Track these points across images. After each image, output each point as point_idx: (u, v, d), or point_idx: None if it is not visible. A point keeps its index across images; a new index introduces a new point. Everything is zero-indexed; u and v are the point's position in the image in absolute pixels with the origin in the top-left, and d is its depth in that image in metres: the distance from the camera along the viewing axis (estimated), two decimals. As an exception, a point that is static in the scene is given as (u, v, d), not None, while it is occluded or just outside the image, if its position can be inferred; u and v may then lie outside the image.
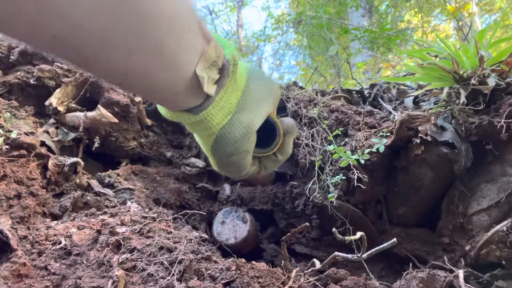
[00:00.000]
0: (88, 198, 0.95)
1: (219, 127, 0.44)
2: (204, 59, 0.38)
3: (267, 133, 0.53)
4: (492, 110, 0.88)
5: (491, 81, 0.88)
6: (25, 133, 0.97)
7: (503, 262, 0.82)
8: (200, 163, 1.25)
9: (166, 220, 0.88)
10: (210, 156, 0.50)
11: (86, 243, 0.76)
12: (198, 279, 0.67)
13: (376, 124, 1.05)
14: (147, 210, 0.96)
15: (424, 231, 1.01)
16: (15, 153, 0.90)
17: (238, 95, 0.44)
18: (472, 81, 0.90)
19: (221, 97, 0.42)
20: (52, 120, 1.11)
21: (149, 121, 1.26)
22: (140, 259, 0.70)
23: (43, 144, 1.00)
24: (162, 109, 0.44)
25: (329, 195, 0.99)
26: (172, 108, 0.42)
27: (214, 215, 1.18)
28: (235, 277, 0.65)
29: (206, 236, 0.85)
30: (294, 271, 0.68)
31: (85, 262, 0.70)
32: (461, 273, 0.68)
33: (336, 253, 0.76)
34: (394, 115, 1.06)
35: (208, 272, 0.68)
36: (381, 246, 0.70)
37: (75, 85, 1.16)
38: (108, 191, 1.02)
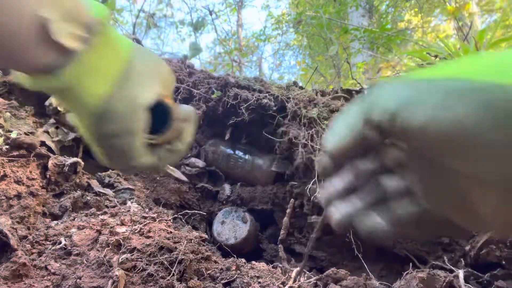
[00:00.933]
0: (88, 198, 0.95)
1: (100, 99, 0.37)
2: (55, 4, 0.31)
3: (163, 121, 0.46)
4: (492, 110, 0.88)
5: (491, 81, 0.88)
6: (25, 133, 0.97)
7: (503, 262, 0.82)
8: (200, 163, 1.25)
9: (166, 220, 0.89)
10: (91, 139, 0.42)
11: (86, 243, 0.76)
12: (198, 279, 0.67)
13: (376, 124, 1.05)
14: (147, 210, 0.96)
15: (424, 231, 1.01)
16: (15, 153, 0.90)
17: (120, 64, 0.38)
18: (472, 81, 0.90)
19: (91, 57, 0.35)
20: (52, 120, 1.11)
21: (149, 121, 1.26)
22: (140, 259, 0.70)
23: (43, 144, 1.00)
24: (21, 78, 0.36)
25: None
26: (23, 69, 0.34)
27: (214, 215, 1.18)
28: (235, 277, 0.65)
29: (206, 236, 0.85)
30: (295, 271, 0.68)
31: (85, 262, 0.70)
32: (461, 273, 0.68)
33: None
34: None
35: (208, 272, 0.68)
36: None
37: (75, 85, 1.16)
38: (108, 191, 1.02)
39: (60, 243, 0.75)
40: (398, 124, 0.25)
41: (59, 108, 1.11)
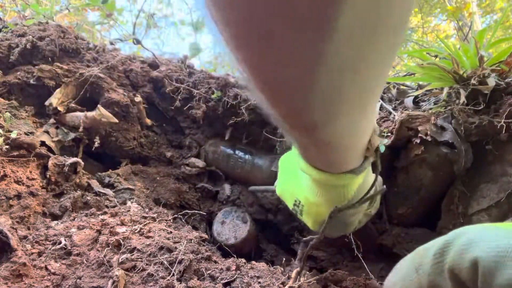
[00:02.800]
0: (88, 198, 0.95)
1: (356, 188, 0.45)
2: (374, 123, 0.41)
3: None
4: (492, 110, 0.88)
5: (491, 81, 0.88)
6: (25, 133, 0.97)
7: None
8: (200, 163, 1.25)
9: (166, 220, 0.89)
10: (325, 217, 0.50)
11: (86, 243, 0.76)
12: (198, 279, 0.67)
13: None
14: (147, 210, 0.96)
15: (424, 231, 1.01)
16: (15, 153, 0.90)
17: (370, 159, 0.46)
18: (472, 81, 0.90)
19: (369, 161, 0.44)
20: (52, 120, 1.11)
21: (149, 121, 1.26)
22: (140, 259, 0.70)
23: (43, 144, 1.00)
24: (313, 172, 0.42)
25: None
26: (337, 169, 0.42)
27: (214, 215, 1.18)
28: (235, 277, 0.65)
29: (206, 236, 0.85)
30: (295, 271, 0.68)
31: (85, 262, 0.70)
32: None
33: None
34: (394, 115, 1.06)
35: (208, 272, 0.68)
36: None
37: (75, 85, 1.16)
38: (108, 191, 1.02)
39: (60, 243, 0.75)
40: (482, 276, 0.23)
41: (59, 108, 1.11)
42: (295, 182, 0.53)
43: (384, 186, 0.59)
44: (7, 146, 0.89)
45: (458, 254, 0.26)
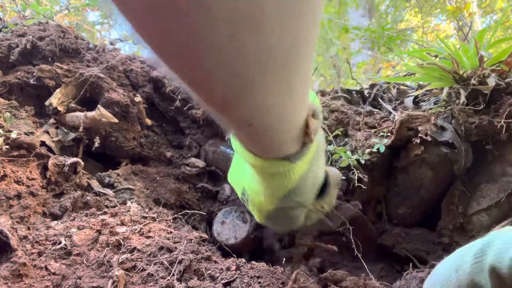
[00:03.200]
0: (88, 198, 0.95)
1: (298, 177, 0.41)
2: (311, 105, 0.37)
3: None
4: (492, 110, 0.88)
5: (491, 81, 0.88)
6: (25, 133, 0.97)
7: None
8: (200, 163, 1.25)
9: (166, 220, 0.89)
10: (268, 208, 0.47)
11: (86, 243, 0.76)
12: (198, 279, 0.67)
13: (376, 124, 1.05)
14: (147, 210, 0.96)
15: (424, 231, 1.01)
16: (15, 153, 0.90)
17: (315, 146, 0.42)
18: (472, 81, 0.90)
19: (314, 145, 0.40)
20: (52, 120, 1.11)
21: (149, 121, 1.26)
22: (140, 259, 0.70)
23: (43, 144, 1.00)
24: (249, 158, 0.39)
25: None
26: (271, 154, 0.38)
27: (214, 215, 1.18)
28: (235, 277, 0.65)
29: (206, 236, 0.85)
30: (295, 272, 0.68)
31: (85, 262, 0.70)
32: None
33: None
34: (394, 115, 1.06)
35: (208, 272, 0.68)
36: None
37: (75, 85, 1.16)
38: (108, 191, 1.02)
39: (60, 243, 0.75)
40: None
41: (59, 108, 1.11)
42: (241, 169, 0.50)
43: (340, 178, 0.55)
44: (7, 146, 0.89)
45: (499, 252, 0.26)
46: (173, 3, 0.19)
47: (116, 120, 1.13)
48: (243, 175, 0.50)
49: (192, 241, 0.77)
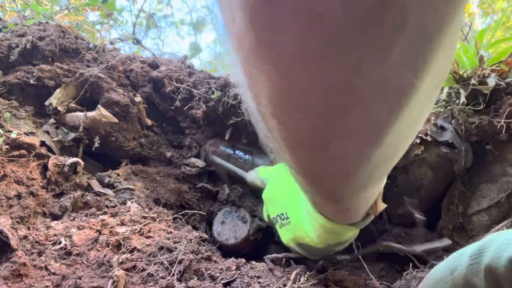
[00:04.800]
0: (88, 198, 0.95)
1: (351, 236, 0.51)
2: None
3: None
4: (492, 110, 0.88)
5: (491, 81, 0.88)
6: (25, 133, 0.97)
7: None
8: (200, 163, 1.25)
9: (166, 220, 0.89)
10: (311, 244, 0.56)
11: (86, 243, 0.76)
12: (198, 279, 0.67)
13: (376, 124, 1.05)
14: (147, 210, 0.96)
15: (424, 231, 1.01)
16: (15, 153, 0.90)
17: None
18: (472, 81, 0.90)
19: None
20: (52, 120, 1.11)
21: (149, 121, 1.26)
22: (140, 259, 0.70)
23: (43, 144, 1.00)
24: (319, 218, 0.47)
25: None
26: (343, 221, 0.45)
27: (214, 215, 1.18)
28: (235, 277, 0.65)
29: (206, 236, 0.85)
30: (294, 272, 0.68)
31: (85, 262, 0.70)
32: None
33: None
34: (394, 115, 1.06)
35: (208, 272, 0.68)
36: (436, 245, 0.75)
37: (75, 85, 1.16)
38: (108, 191, 1.02)
39: (60, 243, 0.75)
40: None
41: (59, 108, 1.11)
42: (291, 199, 0.57)
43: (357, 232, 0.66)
44: (7, 146, 0.89)
45: (495, 253, 0.27)
46: (345, 163, 0.27)
47: (116, 120, 1.13)
48: (293, 206, 0.57)
49: (192, 241, 0.77)
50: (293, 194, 0.56)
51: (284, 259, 0.81)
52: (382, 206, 0.46)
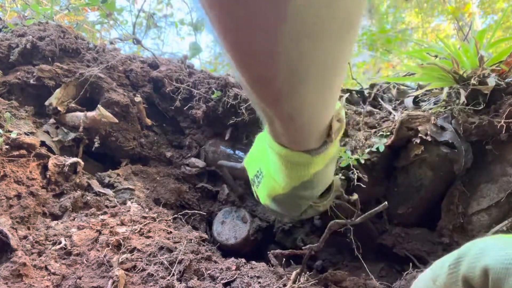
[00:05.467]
0: (88, 198, 0.95)
1: (313, 173, 0.47)
2: (337, 110, 0.42)
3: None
4: (492, 110, 0.88)
5: (491, 81, 0.88)
6: (25, 133, 0.97)
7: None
8: (200, 163, 1.25)
9: (166, 220, 0.89)
10: (280, 192, 0.53)
11: (86, 243, 0.76)
12: (198, 279, 0.67)
13: (376, 124, 1.05)
14: (147, 210, 0.96)
15: (424, 231, 1.01)
16: (15, 153, 0.90)
17: (335, 149, 0.48)
18: (472, 81, 0.90)
19: (332, 145, 0.46)
20: (52, 120, 1.11)
21: (149, 121, 1.26)
22: (140, 259, 0.70)
23: (43, 144, 1.00)
24: (277, 147, 0.45)
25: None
26: (297, 146, 0.44)
27: (214, 215, 1.18)
28: (235, 277, 0.65)
29: (206, 236, 0.85)
30: (294, 272, 0.68)
31: (85, 262, 0.70)
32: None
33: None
34: (394, 115, 1.06)
35: (208, 272, 0.68)
36: (374, 209, 0.72)
37: (75, 85, 1.16)
38: (108, 191, 1.02)
39: (60, 243, 0.75)
40: (492, 283, 0.25)
41: (59, 108, 1.11)
42: (263, 154, 0.57)
43: (340, 188, 0.63)
44: (7, 146, 0.89)
45: (470, 263, 0.27)
46: (263, 22, 0.25)
47: (116, 120, 1.13)
48: (264, 160, 0.57)
49: (192, 241, 0.77)
50: (264, 150, 0.55)
51: (284, 259, 0.81)
52: (336, 126, 0.43)
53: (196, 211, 1.07)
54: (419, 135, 0.92)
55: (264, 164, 0.56)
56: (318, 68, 0.31)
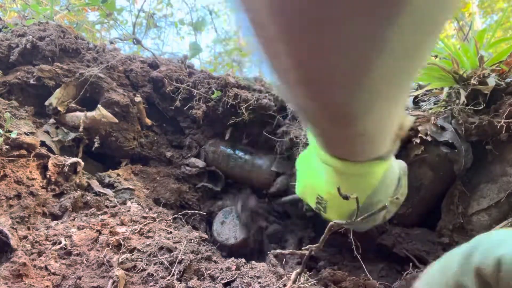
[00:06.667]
0: (88, 198, 0.95)
1: (383, 174, 0.45)
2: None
3: None
4: (492, 110, 0.88)
5: (491, 81, 0.88)
6: (25, 133, 0.97)
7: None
8: (200, 163, 1.25)
9: (166, 220, 0.89)
10: (352, 207, 0.50)
11: (86, 243, 0.76)
12: (198, 279, 0.67)
13: (376, 124, 1.05)
14: (147, 210, 0.96)
15: (424, 231, 1.01)
16: (15, 153, 0.90)
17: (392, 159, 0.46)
18: (472, 81, 0.90)
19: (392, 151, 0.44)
20: (52, 120, 1.11)
21: (149, 121, 1.26)
22: (140, 259, 0.70)
23: (43, 144, 1.00)
24: (337, 163, 0.42)
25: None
26: (365, 157, 0.41)
27: (214, 215, 1.18)
28: (235, 277, 0.65)
29: (206, 236, 0.85)
30: (294, 272, 0.68)
31: (85, 262, 0.70)
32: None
33: None
34: (394, 115, 1.06)
35: (208, 272, 0.68)
36: (374, 210, 0.70)
37: (75, 85, 1.16)
38: (108, 191, 1.02)
39: (60, 243, 0.75)
40: (505, 273, 0.25)
41: (59, 108, 1.11)
42: (316, 178, 0.52)
43: (406, 168, 0.58)
44: (7, 146, 0.89)
45: (484, 254, 0.27)
46: (355, 49, 0.21)
47: (116, 120, 1.13)
48: (320, 182, 0.52)
49: (192, 241, 0.77)
50: (315, 174, 0.51)
51: (284, 259, 0.81)
52: (407, 122, 0.41)
53: (196, 211, 1.07)
54: (419, 135, 0.92)
55: (322, 187, 0.52)
56: (403, 80, 0.28)
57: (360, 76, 0.23)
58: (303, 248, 0.72)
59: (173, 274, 0.66)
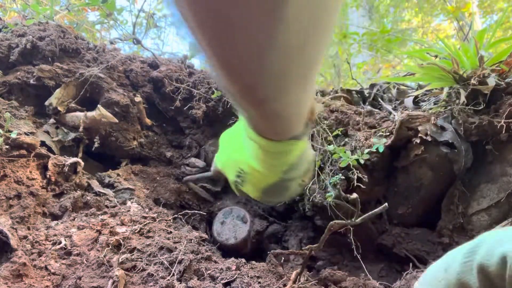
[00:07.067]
0: (88, 198, 0.95)
1: (299, 154, 0.50)
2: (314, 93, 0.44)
3: None
4: (492, 110, 0.88)
5: (491, 81, 0.88)
6: (25, 133, 0.97)
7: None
8: (200, 163, 1.25)
9: (166, 220, 0.89)
10: (269, 181, 0.55)
11: (86, 243, 0.76)
12: (198, 279, 0.67)
13: (376, 124, 1.05)
14: (147, 210, 0.96)
15: (424, 231, 1.01)
16: (15, 153, 0.90)
17: (309, 129, 0.50)
18: (472, 81, 0.90)
19: (307, 130, 0.48)
20: (52, 120, 1.11)
21: (149, 121, 1.26)
22: (140, 259, 0.70)
23: (43, 144, 1.00)
24: (261, 141, 0.47)
25: (327, 194, 0.99)
26: (284, 137, 0.46)
27: (214, 215, 1.18)
28: (235, 277, 0.65)
29: (206, 236, 0.85)
30: (294, 272, 0.68)
31: (85, 262, 0.70)
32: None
33: None
34: (394, 115, 1.06)
35: (208, 272, 0.68)
36: (374, 210, 0.72)
37: (75, 85, 1.16)
38: (108, 191, 1.02)
39: (60, 243, 0.75)
40: (510, 270, 0.25)
41: (59, 108, 1.11)
42: (240, 153, 0.58)
43: (315, 153, 0.64)
44: (7, 146, 0.89)
45: (488, 251, 0.28)
46: (253, 41, 0.27)
47: (116, 120, 1.13)
48: (243, 157, 0.58)
49: (192, 241, 0.77)
50: (240, 149, 0.57)
51: (283, 259, 0.81)
52: (317, 108, 0.48)
53: (196, 211, 1.07)
54: (419, 135, 0.92)
55: (245, 161, 0.58)
56: (304, 70, 0.33)
57: (260, 64, 0.29)
58: (303, 248, 0.72)
59: (173, 274, 0.66)
